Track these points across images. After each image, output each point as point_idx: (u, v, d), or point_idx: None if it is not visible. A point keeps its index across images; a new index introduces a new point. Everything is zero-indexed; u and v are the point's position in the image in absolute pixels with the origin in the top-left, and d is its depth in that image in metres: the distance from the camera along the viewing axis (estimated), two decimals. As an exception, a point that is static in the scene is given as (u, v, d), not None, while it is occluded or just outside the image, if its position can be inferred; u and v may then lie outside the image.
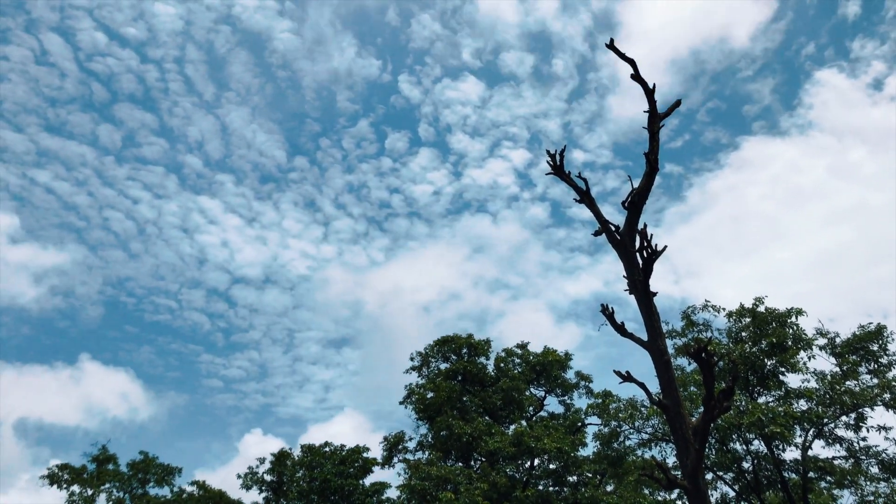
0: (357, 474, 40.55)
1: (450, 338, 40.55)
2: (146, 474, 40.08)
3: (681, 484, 12.32)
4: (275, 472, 40.88)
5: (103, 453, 40.24)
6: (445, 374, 39.23)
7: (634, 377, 13.77)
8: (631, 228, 14.36)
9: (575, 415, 38.33)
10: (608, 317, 14.56)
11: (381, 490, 40.30)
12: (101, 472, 38.95)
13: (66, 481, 37.91)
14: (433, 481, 31.88)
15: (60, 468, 38.32)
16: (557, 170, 15.73)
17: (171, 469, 41.06)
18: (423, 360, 41.00)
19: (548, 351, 39.51)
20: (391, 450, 38.52)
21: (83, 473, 38.77)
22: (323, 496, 39.03)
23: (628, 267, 14.26)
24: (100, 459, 39.82)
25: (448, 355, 40.71)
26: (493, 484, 31.38)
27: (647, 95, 14.61)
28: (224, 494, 40.23)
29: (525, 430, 33.70)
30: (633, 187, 14.39)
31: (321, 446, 42.27)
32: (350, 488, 39.42)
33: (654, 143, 14.39)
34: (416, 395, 38.75)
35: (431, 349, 40.96)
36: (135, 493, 39.61)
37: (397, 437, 38.55)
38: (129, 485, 39.71)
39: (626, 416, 29.37)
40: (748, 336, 29.04)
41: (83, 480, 38.40)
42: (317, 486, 39.16)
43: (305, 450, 42.15)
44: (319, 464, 40.31)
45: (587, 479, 34.33)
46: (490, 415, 38.09)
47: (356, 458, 41.02)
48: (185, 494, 39.78)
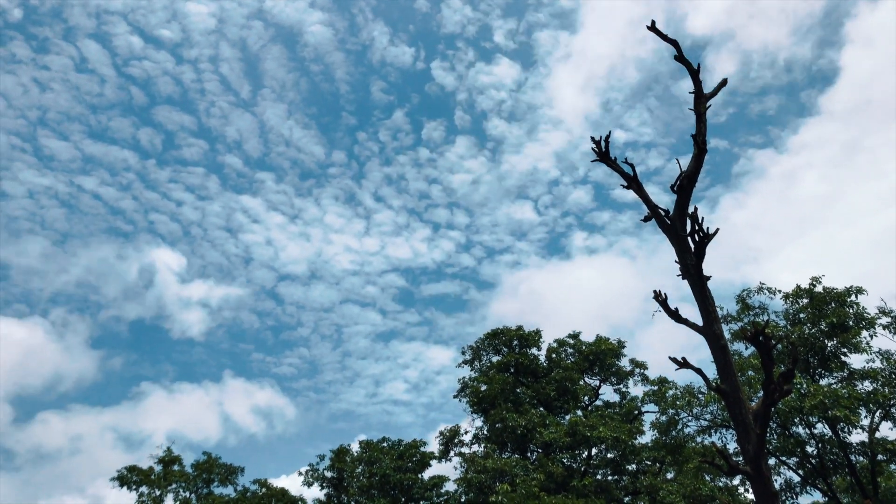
0: (415, 468, 40.87)
1: (500, 330, 40.50)
2: (210, 474, 41.02)
3: (743, 470, 12.12)
4: (335, 469, 41.45)
5: (168, 455, 41.32)
6: (497, 366, 39.22)
7: (691, 363, 13.58)
8: (681, 212, 14.14)
9: (631, 403, 37.94)
10: (661, 303, 14.36)
11: (439, 484, 40.55)
12: (167, 473, 40.01)
13: (135, 483, 39.06)
14: (489, 474, 31.95)
15: (129, 470, 39.47)
16: (603, 156, 15.56)
17: (233, 469, 41.94)
18: (475, 354, 41.06)
19: (600, 339, 39.16)
20: (447, 443, 38.70)
21: (151, 475, 39.87)
22: (383, 491, 39.44)
23: (680, 251, 14.05)
24: (166, 461, 40.90)
25: (499, 348, 40.68)
26: (550, 474, 31.30)
27: (691, 76, 14.34)
28: (286, 492, 40.93)
29: (580, 420, 33.51)
30: (681, 170, 14.16)
31: (379, 441, 42.72)
32: (409, 483, 39.76)
33: (701, 125, 14.13)
34: (470, 389, 38.84)
35: (482, 342, 40.98)
36: (200, 493, 40.58)
37: (453, 430, 38.72)
38: (194, 485, 40.69)
39: (683, 402, 29.01)
40: (806, 317, 28.38)
41: (151, 482, 39.50)
42: (376, 482, 39.58)
43: (364, 445, 42.63)
44: (378, 459, 40.72)
45: (646, 468, 33.99)
46: (544, 406, 37.96)
47: (414, 453, 41.33)
48: (249, 493, 40.60)
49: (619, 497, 32.79)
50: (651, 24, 14.29)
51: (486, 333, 40.97)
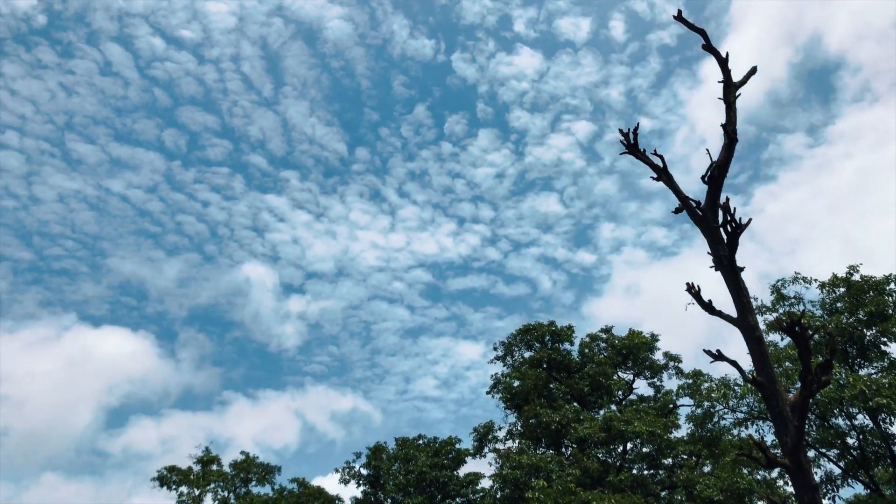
0: (451, 465, 40.99)
1: (532, 326, 40.43)
2: (248, 473, 41.55)
3: (781, 462, 11.99)
4: (371, 466, 41.73)
5: (207, 455, 41.93)
6: (530, 362, 39.15)
7: (725, 355, 13.46)
8: (713, 203, 14.01)
9: (666, 396, 37.63)
10: (695, 295, 14.25)
11: (475, 480, 40.61)
12: (206, 473, 40.62)
13: (175, 482, 39.71)
14: (524, 470, 31.93)
15: (169, 470, 40.15)
16: (632, 148, 15.47)
17: (270, 468, 42.45)
18: (507, 350, 41.04)
19: (633, 333, 38.90)
20: (481, 440, 38.75)
21: (190, 475, 40.51)
22: (419, 488, 39.62)
23: (712, 243, 13.92)
24: (204, 461, 41.52)
25: (531, 343, 40.61)
26: (586, 470, 31.20)
27: (720, 65, 14.21)
28: (323, 490, 41.32)
29: (615, 415, 33.34)
30: (711, 160, 14.03)
31: (414, 439, 42.90)
32: (445, 479, 39.88)
33: (731, 114, 13.99)
34: (503, 385, 38.84)
35: (514, 338, 40.94)
36: (238, 492, 41.13)
37: (487, 426, 38.74)
38: (232, 484, 41.26)
39: (719, 395, 28.73)
40: (844, 306, 27.92)
41: (190, 481, 40.14)
42: (413, 479, 39.77)
43: (399, 443, 42.86)
44: (413, 456, 40.91)
45: (682, 462, 33.71)
46: (578, 401, 37.82)
47: (449, 450, 41.45)
48: (286, 492, 41.05)
49: (656, 491, 32.57)
50: (678, 13, 14.18)
51: (518, 329, 40.95)
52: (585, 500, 27.31)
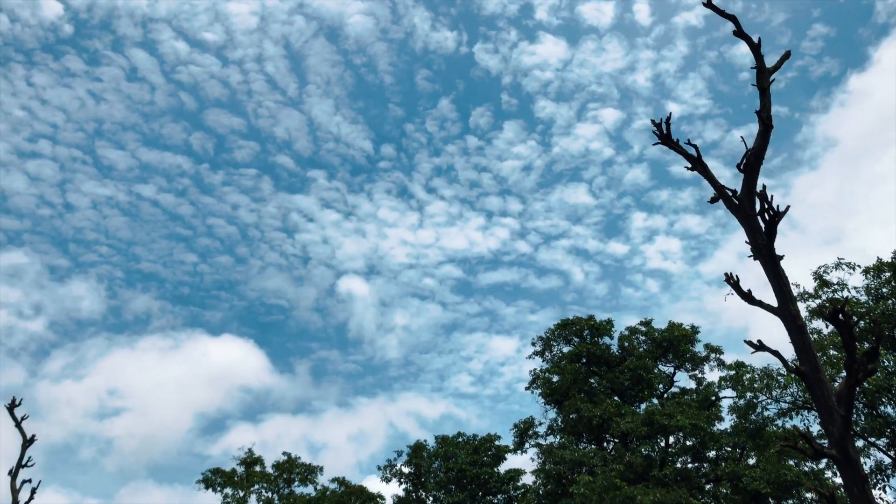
0: (491, 462, 41.00)
1: (570, 321, 40.21)
2: (290, 474, 42.02)
3: (828, 453, 11.76)
4: (412, 464, 41.93)
5: (250, 456, 42.52)
6: (569, 356, 38.95)
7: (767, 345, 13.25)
8: (749, 191, 13.79)
9: (708, 389, 37.15)
10: (733, 285, 14.04)
11: (516, 477, 40.58)
12: (249, 474, 41.19)
13: (220, 484, 40.34)
14: (567, 465, 31.81)
15: (213, 472, 40.81)
16: (665, 139, 15.30)
17: (312, 468, 42.88)
18: (545, 345, 40.87)
19: (673, 326, 38.45)
20: (522, 436, 38.67)
21: (234, 476, 41.11)
22: (460, 485, 39.71)
23: (750, 232, 13.71)
24: (247, 462, 42.10)
25: (570, 338, 40.40)
26: (629, 464, 30.96)
27: (752, 51, 13.98)
28: (364, 489, 41.64)
29: (657, 409, 33.02)
30: (746, 148, 13.81)
31: (454, 437, 43.00)
32: (486, 476, 39.91)
33: (765, 100, 13.76)
34: (542, 380, 38.70)
35: (552, 333, 40.76)
36: (282, 493, 41.62)
37: (527, 422, 38.65)
38: (275, 485, 41.78)
39: (761, 385, 28.27)
40: (890, 292, 27.24)
41: (234, 483, 40.74)
42: (453, 476, 39.88)
43: (439, 440, 43.00)
44: (454, 454, 41.00)
45: (726, 454, 33.26)
46: (619, 395, 37.53)
47: (489, 447, 41.48)
48: (328, 492, 41.43)
49: (701, 485, 32.19)
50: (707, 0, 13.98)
51: (556, 324, 40.76)
52: (630, 495, 27.11)
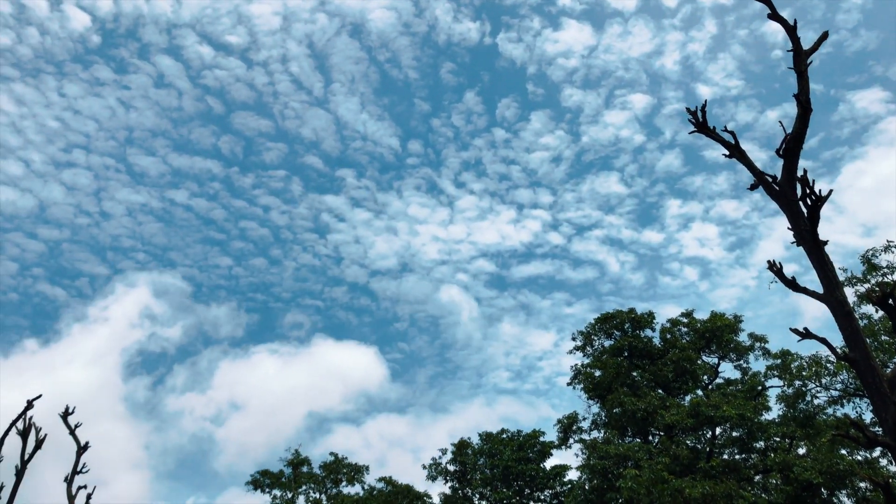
0: (536, 458, 40.92)
1: (610, 314, 39.88)
2: (337, 474, 42.43)
3: (882, 441, 11.52)
4: (457, 462, 42.04)
5: (297, 457, 43.03)
6: (611, 350, 38.66)
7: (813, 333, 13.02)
8: (789, 177, 13.56)
9: (753, 378, 36.56)
10: (777, 273, 13.83)
11: (562, 472, 40.45)
12: (297, 475, 41.69)
13: (268, 485, 40.92)
14: (612, 459, 31.59)
15: (261, 474, 41.42)
16: (701, 127, 15.11)
17: (359, 468, 43.24)
18: (586, 339, 40.61)
19: (716, 316, 37.90)
20: (566, 431, 38.50)
21: (281, 478, 41.66)
22: (506, 482, 39.71)
23: (792, 218, 13.48)
24: (294, 463, 42.62)
25: (611, 332, 40.08)
26: (675, 457, 30.63)
27: (788, 33, 13.74)
28: (411, 488, 41.85)
29: (702, 400, 32.61)
30: (785, 133, 13.59)
31: (498, 433, 43.01)
32: (531, 473, 39.85)
33: (803, 83, 13.51)
34: (584, 375, 38.47)
35: (593, 327, 40.48)
36: (329, 493, 42.06)
37: (570, 418, 38.47)
38: (323, 485, 42.22)
39: (810, 373, 27.77)
40: (941, 274, 26.55)
41: (282, 484, 41.28)
42: (499, 473, 39.89)
43: (484, 438, 43.04)
44: (498, 451, 41.02)
45: (776, 444, 32.71)
46: (663, 388, 37.14)
47: (533, 443, 41.41)
48: (375, 491, 41.74)
49: (750, 476, 31.71)
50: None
51: (597, 318, 40.44)
52: (678, 488, 26.84)
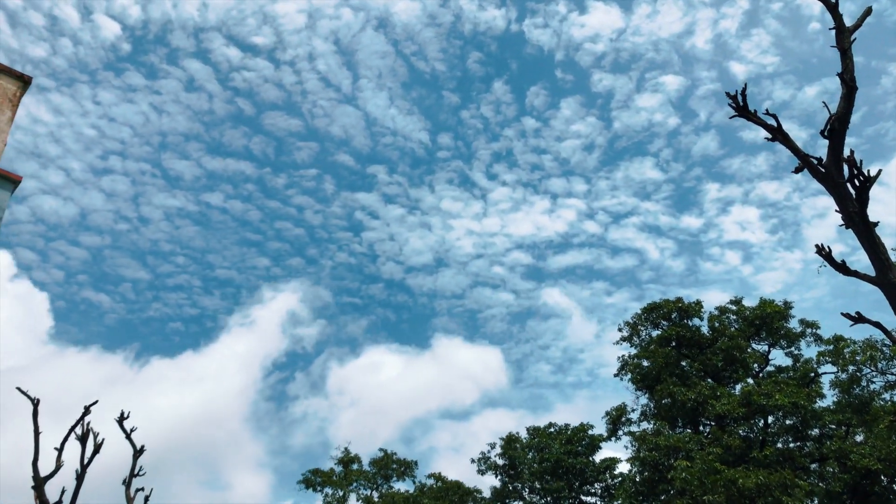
0: (585, 452, 40.74)
1: (657, 304, 39.44)
2: (387, 470, 42.79)
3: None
4: (506, 456, 42.07)
5: (346, 455, 43.51)
6: (658, 340, 38.23)
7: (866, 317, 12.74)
8: (836, 158, 13.27)
9: (806, 365, 35.82)
10: (825, 257, 13.55)
11: (611, 465, 40.20)
12: (347, 473, 42.16)
13: (319, 484, 41.46)
14: (663, 451, 31.28)
15: (313, 473, 41.97)
16: (742, 111, 14.87)
17: (408, 463, 43.55)
18: (632, 330, 40.23)
19: (765, 302, 37.20)
20: (614, 423, 38.22)
21: (332, 476, 42.17)
22: (556, 476, 39.60)
23: (840, 200, 13.20)
24: (345, 461, 43.10)
25: (657, 322, 39.63)
26: (727, 447, 30.20)
27: (829, 11, 13.44)
28: (461, 484, 42.00)
29: (753, 389, 32.07)
30: (830, 113, 13.30)
31: (546, 427, 42.92)
32: (581, 466, 39.68)
33: (846, 62, 13.21)
34: (631, 366, 38.13)
35: (639, 317, 40.08)
36: (380, 490, 42.44)
37: (619, 409, 38.17)
38: (373, 482, 42.62)
39: (864, 358, 27.14)
40: None
41: (333, 482, 41.78)
42: (548, 467, 39.80)
43: (532, 432, 43.00)
44: (547, 445, 40.93)
45: (831, 432, 32.02)
46: (712, 377, 36.63)
47: (582, 436, 41.22)
48: (426, 487, 41.99)
49: (805, 465, 31.12)
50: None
51: (643, 308, 40.01)
52: (731, 479, 26.47)
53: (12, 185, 10.65)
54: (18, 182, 10.76)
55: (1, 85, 7.39)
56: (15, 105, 7.45)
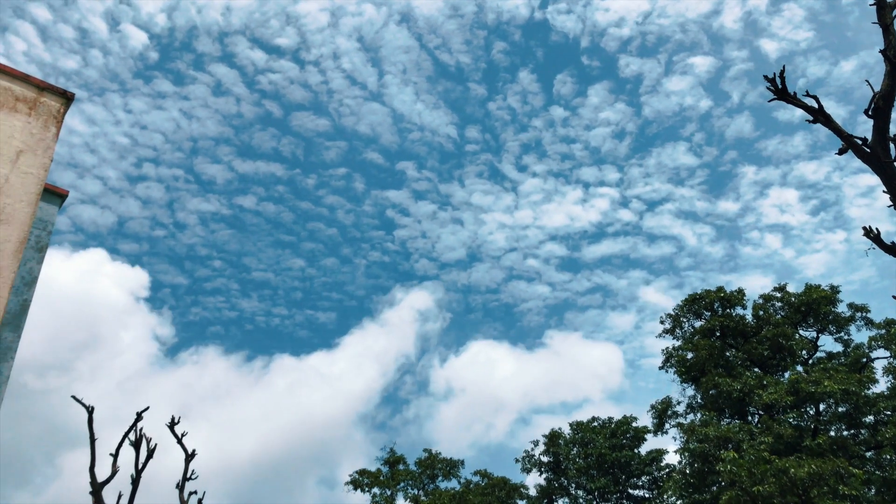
0: (630, 445, 40.39)
1: (699, 295, 38.92)
2: (433, 470, 42.89)
3: None
4: (550, 453, 41.91)
5: (392, 455, 43.76)
6: (701, 331, 37.73)
7: (919, 298, 12.38)
8: (881, 137, 12.93)
9: (856, 351, 35.00)
10: (874, 239, 13.22)
11: (658, 458, 39.80)
12: (394, 473, 42.37)
13: (367, 485, 41.75)
14: (712, 442, 30.85)
15: (360, 474, 42.29)
16: (781, 94, 14.57)
17: (454, 462, 43.59)
18: (675, 322, 39.78)
19: (811, 288, 36.44)
20: (661, 416, 37.82)
21: (379, 476, 42.42)
22: (601, 470, 39.33)
23: (887, 181, 12.87)
24: (391, 461, 43.34)
25: (700, 312, 39.12)
26: (778, 436, 29.67)
27: (869, -12, 13.10)
28: (507, 480, 41.93)
29: (801, 377, 31.46)
30: (873, 91, 12.97)
31: (589, 422, 42.65)
32: (626, 459, 39.36)
33: (889, 38, 12.86)
34: (675, 358, 37.70)
35: (681, 309, 39.60)
36: (427, 489, 42.57)
37: (664, 402, 37.77)
38: (420, 481, 42.77)
39: (919, 342, 26.40)
40: None
41: (381, 483, 42.03)
42: (593, 462, 39.55)
43: (574, 427, 42.76)
44: (591, 439, 40.67)
45: (886, 418, 31.24)
46: (759, 366, 36.03)
47: (626, 429, 40.87)
48: (472, 484, 42.01)
49: (860, 452, 30.42)
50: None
51: (685, 299, 39.52)
52: (782, 468, 25.97)
53: (60, 200, 10.91)
54: (65, 196, 11.02)
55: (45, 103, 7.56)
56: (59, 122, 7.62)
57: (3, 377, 9.50)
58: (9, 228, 6.55)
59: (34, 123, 7.18)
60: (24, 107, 7.17)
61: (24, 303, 10.04)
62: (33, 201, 6.82)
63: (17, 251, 6.52)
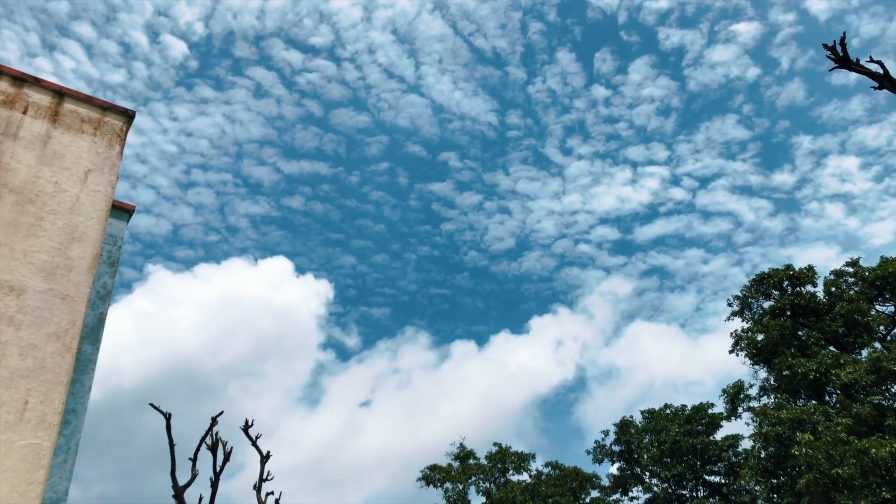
0: (705, 431, 39.74)
1: (766, 274, 37.90)
2: (504, 463, 42.99)
3: None
4: (621, 442, 41.51)
5: (462, 451, 44.04)
6: (771, 312, 36.74)
7: None
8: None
9: (941, 324, 33.61)
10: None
11: (734, 443, 39.05)
12: (465, 468, 42.65)
13: (439, 480, 42.13)
14: (787, 425, 30.07)
15: (431, 469, 42.71)
16: (843, 62, 14.08)
17: (525, 455, 43.59)
18: (743, 303, 38.85)
19: (887, 261, 35.10)
20: (733, 400, 37.02)
21: (451, 471, 42.75)
22: (676, 458, 38.78)
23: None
24: (461, 457, 43.62)
25: (768, 292, 38.10)
26: (858, 417, 28.71)
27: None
28: (579, 471, 41.74)
29: (882, 354, 30.36)
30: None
31: (661, 409, 42.09)
32: (701, 446, 38.72)
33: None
34: (746, 340, 36.83)
35: (749, 290, 38.65)
36: (498, 482, 42.70)
37: (736, 386, 36.95)
38: (491, 475, 42.92)
39: None
40: None
41: (452, 477, 42.35)
42: (667, 449, 39.01)
43: (646, 415, 42.26)
44: (664, 427, 40.13)
45: (977, 394, 29.92)
46: (834, 344, 34.90)
47: (701, 416, 40.23)
48: (543, 476, 41.96)
49: (947, 430, 29.19)
50: None
51: (752, 280, 38.55)
52: (862, 449, 25.16)
53: (127, 215, 11.35)
54: (132, 211, 11.46)
55: (109, 122, 7.88)
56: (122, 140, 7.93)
57: (84, 388, 9.96)
58: (82, 246, 6.87)
59: (99, 143, 7.50)
60: (90, 127, 7.50)
61: (101, 316, 10.50)
62: (103, 218, 7.13)
63: (91, 267, 6.83)
